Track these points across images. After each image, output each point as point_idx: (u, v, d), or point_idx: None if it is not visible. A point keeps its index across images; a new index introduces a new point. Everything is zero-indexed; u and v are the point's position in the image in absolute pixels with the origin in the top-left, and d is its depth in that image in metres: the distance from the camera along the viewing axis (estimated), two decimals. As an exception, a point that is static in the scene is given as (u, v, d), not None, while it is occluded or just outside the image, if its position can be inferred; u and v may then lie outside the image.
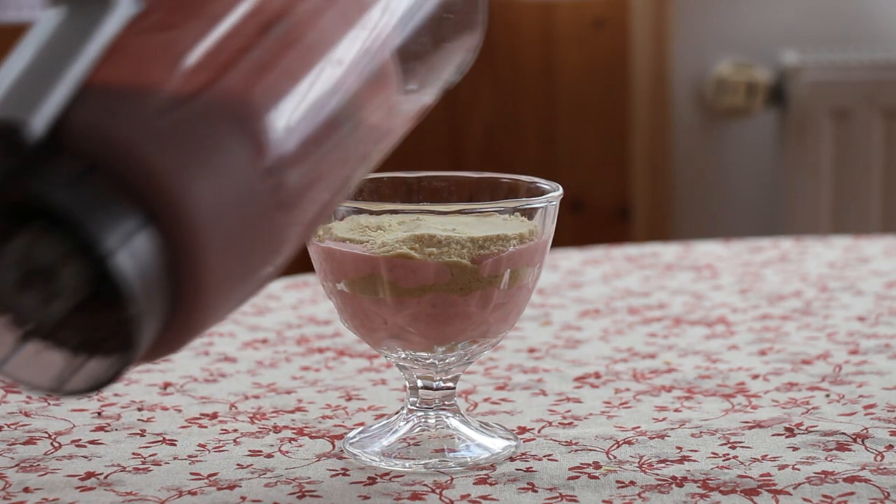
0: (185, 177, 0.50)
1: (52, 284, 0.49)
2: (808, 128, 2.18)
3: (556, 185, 0.72)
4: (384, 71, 0.59)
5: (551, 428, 0.75)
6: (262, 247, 0.53)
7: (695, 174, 2.32)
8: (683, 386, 0.82)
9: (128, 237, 0.49)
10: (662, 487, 0.67)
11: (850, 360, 0.87)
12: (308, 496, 0.66)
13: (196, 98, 0.51)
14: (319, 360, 0.87)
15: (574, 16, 2.27)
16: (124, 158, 0.49)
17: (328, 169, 0.56)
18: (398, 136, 0.61)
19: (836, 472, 0.68)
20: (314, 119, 0.55)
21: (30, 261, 0.49)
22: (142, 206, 0.49)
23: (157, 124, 0.50)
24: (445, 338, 0.69)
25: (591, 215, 2.32)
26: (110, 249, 0.48)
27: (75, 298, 0.49)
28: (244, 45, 0.53)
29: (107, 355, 0.51)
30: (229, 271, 0.52)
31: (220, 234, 0.51)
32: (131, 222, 0.49)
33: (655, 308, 0.99)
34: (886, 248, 1.16)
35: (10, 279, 0.49)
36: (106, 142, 0.49)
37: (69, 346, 0.51)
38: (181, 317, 0.51)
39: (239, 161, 0.52)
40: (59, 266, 0.49)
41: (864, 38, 2.27)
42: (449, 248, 0.67)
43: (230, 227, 0.51)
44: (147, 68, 0.51)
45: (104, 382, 0.51)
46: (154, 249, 0.49)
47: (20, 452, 0.72)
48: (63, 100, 0.49)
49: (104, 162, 0.49)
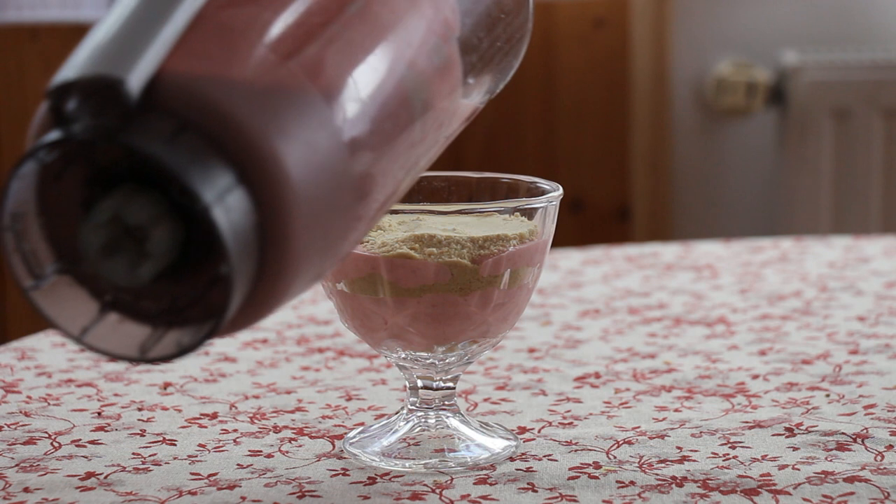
0: (277, 138, 0.50)
1: (142, 246, 0.49)
2: (808, 128, 2.18)
3: (556, 185, 0.72)
4: (450, 59, 0.59)
5: (551, 428, 0.75)
6: (339, 223, 0.53)
7: (695, 174, 2.32)
8: (683, 386, 0.82)
9: (223, 194, 0.49)
10: (662, 487, 0.67)
11: (850, 360, 0.87)
12: (308, 496, 0.66)
13: (283, 66, 0.51)
14: (319, 360, 0.87)
15: (574, 16, 2.27)
16: (217, 117, 0.49)
17: (398, 151, 0.56)
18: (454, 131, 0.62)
19: (836, 472, 0.68)
20: (389, 97, 0.55)
21: (120, 221, 0.49)
22: (234, 166, 0.49)
23: (248, 86, 0.50)
24: (445, 338, 0.69)
25: (591, 215, 2.32)
26: (209, 203, 0.48)
27: (164, 261, 0.49)
28: (324, 21, 0.54)
29: (188, 325, 0.51)
30: (312, 241, 0.52)
31: (307, 201, 0.51)
32: (225, 180, 0.49)
33: (655, 308, 0.99)
34: (886, 248, 1.16)
35: (98, 242, 0.49)
36: (199, 101, 0.49)
37: (149, 317, 0.51)
38: (265, 284, 0.51)
39: (323, 131, 0.52)
40: (150, 226, 0.49)
41: (864, 38, 2.27)
42: (449, 248, 0.67)
43: (315, 195, 0.51)
44: (233, 36, 0.51)
45: (190, 347, 0.50)
46: (246, 209, 0.49)
47: (20, 452, 0.72)
48: (157, 60, 0.49)
49: (197, 121, 0.49)
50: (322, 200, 0.51)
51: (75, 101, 0.49)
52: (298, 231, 0.51)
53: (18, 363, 0.87)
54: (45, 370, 0.85)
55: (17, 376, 0.84)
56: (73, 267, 0.51)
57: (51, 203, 0.51)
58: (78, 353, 0.89)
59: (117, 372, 0.85)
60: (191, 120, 0.49)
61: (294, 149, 0.50)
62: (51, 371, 0.85)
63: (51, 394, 0.81)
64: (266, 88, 0.51)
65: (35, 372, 0.85)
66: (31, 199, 0.50)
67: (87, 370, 0.85)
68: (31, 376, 0.84)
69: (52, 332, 0.93)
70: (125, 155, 0.49)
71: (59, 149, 0.49)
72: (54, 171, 0.50)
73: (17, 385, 0.83)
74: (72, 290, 0.51)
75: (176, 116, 0.49)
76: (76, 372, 0.85)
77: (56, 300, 0.51)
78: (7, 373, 0.85)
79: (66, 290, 0.51)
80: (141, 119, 0.48)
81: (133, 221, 0.49)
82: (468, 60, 0.61)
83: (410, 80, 0.57)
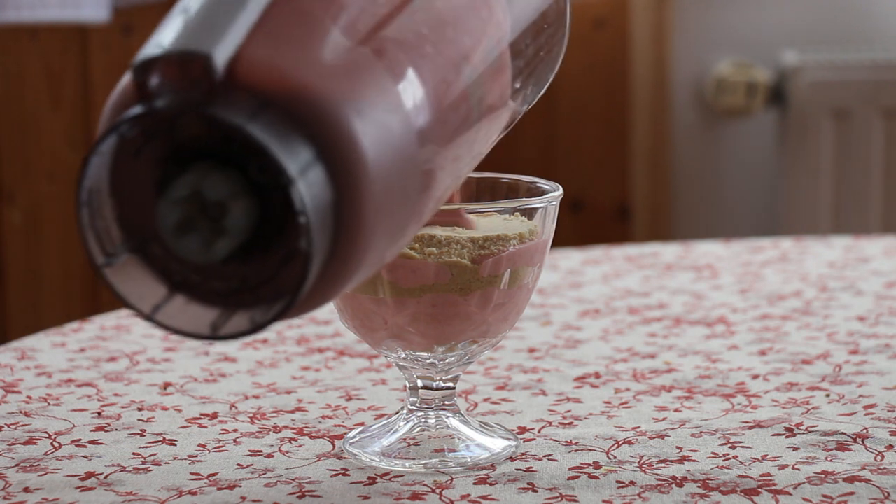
0: (355, 118, 0.51)
1: (218, 223, 0.49)
2: (808, 128, 2.18)
3: (556, 185, 0.72)
4: (503, 60, 0.60)
5: (551, 428, 0.75)
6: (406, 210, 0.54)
7: (695, 174, 2.32)
8: (683, 386, 0.82)
9: (305, 169, 0.49)
10: (662, 487, 0.67)
11: (850, 360, 0.87)
12: (308, 496, 0.66)
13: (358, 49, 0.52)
14: (319, 360, 0.87)
15: (574, 16, 2.26)
16: (298, 95, 0.50)
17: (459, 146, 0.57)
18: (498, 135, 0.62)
19: (836, 472, 0.68)
20: (452, 90, 0.56)
21: (198, 197, 0.49)
22: (313, 143, 0.50)
23: (326, 66, 0.51)
24: (445, 338, 0.69)
25: (591, 215, 2.32)
26: (293, 176, 0.49)
27: (239, 238, 0.50)
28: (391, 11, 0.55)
29: (258, 305, 0.51)
30: (382, 224, 0.52)
31: (381, 183, 0.51)
32: (306, 155, 0.49)
33: (655, 308, 0.99)
34: (886, 248, 1.16)
35: (175, 218, 0.50)
36: (280, 79, 0.50)
37: (219, 296, 0.52)
38: (336, 264, 0.51)
39: (396, 115, 0.52)
40: (229, 202, 0.49)
41: (864, 38, 2.27)
42: (449, 248, 0.67)
43: (388, 178, 0.52)
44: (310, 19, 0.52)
45: (264, 324, 0.51)
46: (324, 185, 0.50)
47: (20, 452, 0.72)
48: (239, 38, 0.50)
49: (278, 98, 0.50)
50: (393, 185, 0.52)
51: (159, 77, 0.50)
52: (371, 212, 0.51)
53: (18, 363, 0.87)
54: (45, 370, 0.85)
55: (17, 376, 0.84)
56: (144, 247, 0.51)
57: (124, 183, 0.51)
58: (78, 353, 0.89)
59: (117, 372, 0.85)
60: (272, 97, 0.50)
61: (370, 129, 0.51)
62: (51, 371, 0.85)
63: (51, 394, 0.81)
64: (343, 68, 0.51)
65: (35, 372, 0.85)
66: (105, 177, 0.51)
67: (87, 370, 0.85)
68: (31, 376, 0.84)
69: (53, 332, 0.93)
70: (207, 130, 0.49)
71: (144, 122, 0.50)
72: (133, 147, 0.50)
73: (17, 385, 0.83)
74: (141, 270, 0.52)
75: (258, 93, 0.49)
76: (76, 372, 0.85)
77: (127, 279, 0.52)
78: (7, 373, 0.85)
79: (136, 270, 0.52)
80: (225, 94, 0.49)
81: (212, 197, 0.49)
82: (516, 65, 0.62)
83: (470, 76, 0.57)
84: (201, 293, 0.52)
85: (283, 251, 0.50)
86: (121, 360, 0.87)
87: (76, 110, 2.21)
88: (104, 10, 2.14)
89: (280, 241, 0.50)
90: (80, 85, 2.21)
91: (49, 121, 2.22)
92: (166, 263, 0.52)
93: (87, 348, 0.90)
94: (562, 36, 0.66)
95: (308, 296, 0.51)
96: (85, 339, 0.92)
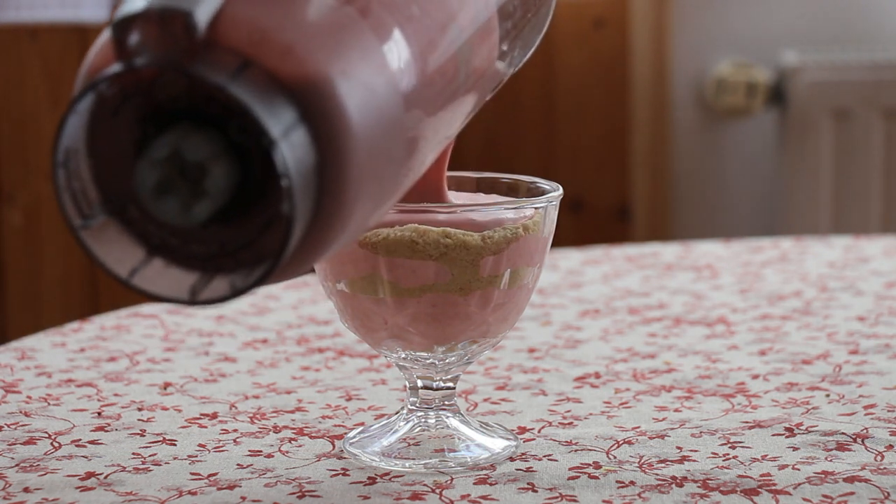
0: (339, 78, 0.50)
1: (198, 185, 0.48)
2: (808, 128, 2.18)
3: (556, 185, 0.72)
4: (491, 22, 0.60)
5: (551, 428, 0.75)
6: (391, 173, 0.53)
7: (695, 174, 2.32)
8: (683, 386, 0.82)
9: (288, 130, 0.48)
10: (662, 487, 0.67)
11: (850, 360, 0.87)
12: (308, 496, 0.66)
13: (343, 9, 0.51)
14: (319, 360, 0.87)
15: (574, 16, 2.27)
16: (280, 55, 0.49)
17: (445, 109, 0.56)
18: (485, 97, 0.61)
19: (836, 472, 0.68)
20: (440, 53, 0.55)
21: (178, 158, 0.48)
22: (296, 103, 0.49)
23: (310, 25, 0.50)
24: (445, 338, 0.69)
25: (591, 215, 2.32)
26: (276, 138, 0.48)
27: (219, 201, 0.49)
28: None
29: (239, 269, 0.50)
30: (366, 187, 0.51)
31: (365, 145, 0.50)
32: (289, 116, 0.49)
33: (655, 308, 0.99)
34: (886, 248, 1.16)
35: (154, 179, 0.48)
36: (262, 38, 0.49)
37: (197, 261, 0.51)
38: (318, 228, 0.50)
39: (381, 77, 0.52)
40: (209, 163, 0.48)
41: (864, 38, 2.27)
42: (449, 248, 0.67)
43: (373, 140, 0.51)
44: None
45: (244, 289, 0.50)
46: (307, 147, 0.49)
47: (20, 452, 0.72)
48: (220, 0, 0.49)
49: (260, 57, 0.49)
50: (378, 148, 0.51)
51: (139, 34, 0.49)
52: (355, 174, 0.50)
53: (18, 363, 0.87)
54: (45, 370, 0.85)
55: (17, 376, 0.84)
56: (122, 209, 0.50)
57: (102, 143, 0.50)
58: (78, 353, 0.89)
59: (117, 372, 0.85)
60: (255, 56, 0.49)
61: (355, 91, 0.50)
62: (51, 371, 0.85)
63: (51, 394, 0.81)
64: (327, 28, 0.50)
65: (35, 372, 0.85)
66: (83, 137, 0.50)
67: (87, 370, 0.85)
68: (31, 376, 0.84)
69: (53, 332, 0.93)
70: (187, 90, 0.48)
71: (122, 81, 0.49)
72: (112, 106, 0.49)
73: (17, 385, 0.83)
74: (119, 233, 0.51)
75: (240, 52, 0.49)
76: (76, 372, 0.85)
77: (104, 242, 0.51)
78: (7, 373, 0.85)
79: (114, 233, 0.51)
80: (206, 53, 0.48)
81: (192, 158, 0.48)
82: (504, 27, 0.61)
83: (458, 38, 0.57)
84: (180, 257, 0.51)
85: (265, 215, 0.49)
86: (121, 360, 0.87)
87: (76, 110, 2.21)
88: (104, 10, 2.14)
89: (261, 205, 0.49)
90: (80, 85, 2.20)
91: (49, 121, 2.22)
92: (144, 226, 0.51)
93: (87, 348, 0.90)
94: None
95: (290, 261, 0.50)
96: (85, 339, 0.92)
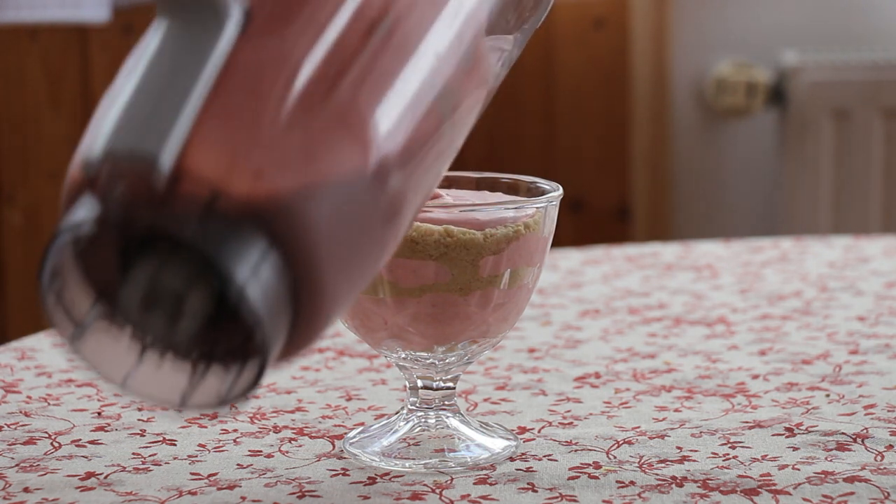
0: (309, 202, 0.50)
1: (179, 306, 0.49)
2: (808, 128, 2.18)
3: (556, 185, 0.72)
4: (478, 55, 0.59)
5: (551, 428, 0.75)
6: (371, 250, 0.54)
7: (695, 174, 2.32)
8: (683, 386, 0.82)
9: (256, 267, 0.49)
10: (662, 487, 0.67)
11: (850, 360, 0.87)
12: (308, 496, 0.66)
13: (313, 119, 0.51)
14: (319, 360, 0.87)
15: (574, 16, 2.27)
16: (248, 184, 0.49)
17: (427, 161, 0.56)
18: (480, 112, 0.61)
19: (836, 472, 0.68)
20: (417, 116, 0.55)
21: (157, 284, 0.49)
22: (265, 230, 0.49)
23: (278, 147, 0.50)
24: (445, 338, 0.69)
25: (591, 215, 2.32)
26: (242, 284, 0.48)
27: (202, 319, 0.50)
28: (353, 51, 0.53)
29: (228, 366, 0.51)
30: (344, 280, 0.52)
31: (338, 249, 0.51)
32: (257, 249, 0.49)
33: (655, 308, 0.99)
34: (886, 248, 1.16)
35: (136, 301, 0.50)
36: (231, 163, 0.49)
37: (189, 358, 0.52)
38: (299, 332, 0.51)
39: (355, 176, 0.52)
40: (186, 289, 0.49)
41: (864, 38, 2.27)
42: (449, 247, 0.67)
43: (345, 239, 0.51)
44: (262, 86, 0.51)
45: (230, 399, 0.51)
46: (278, 273, 0.50)
47: (20, 452, 0.72)
48: (187, 128, 0.49)
49: (229, 186, 0.49)
50: (352, 240, 0.52)
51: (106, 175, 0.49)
52: (329, 284, 0.51)
53: (18, 363, 0.87)
54: (45, 370, 0.85)
55: (17, 376, 0.84)
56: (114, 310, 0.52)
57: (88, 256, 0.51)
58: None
59: (117, 372, 0.85)
60: (223, 186, 0.49)
61: (325, 206, 0.50)
62: (51, 371, 0.85)
63: (51, 394, 0.81)
64: (297, 146, 0.50)
65: (35, 372, 0.85)
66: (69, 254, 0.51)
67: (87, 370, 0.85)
68: (31, 376, 0.84)
69: (53, 332, 0.93)
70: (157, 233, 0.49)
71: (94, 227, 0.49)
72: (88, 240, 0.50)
73: (17, 385, 0.83)
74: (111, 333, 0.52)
75: (208, 183, 0.49)
76: (76, 372, 0.85)
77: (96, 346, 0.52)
78: (7, 373, 0.85)
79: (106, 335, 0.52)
80: (172, 198, 0.49)
81: (169, 285, 0.49)
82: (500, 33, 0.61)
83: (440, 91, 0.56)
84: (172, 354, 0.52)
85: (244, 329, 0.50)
86: (121, 360, 0.87)
87: (76, 110, 2.21)
88: (104, 10, 2.14)
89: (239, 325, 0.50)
90: (80, 85, 2.21)
91: (49, 121, 2.22)
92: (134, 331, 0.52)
93: (87, 348, 0.90)
94: None
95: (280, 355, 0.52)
96: (85, 339, 0.92)
